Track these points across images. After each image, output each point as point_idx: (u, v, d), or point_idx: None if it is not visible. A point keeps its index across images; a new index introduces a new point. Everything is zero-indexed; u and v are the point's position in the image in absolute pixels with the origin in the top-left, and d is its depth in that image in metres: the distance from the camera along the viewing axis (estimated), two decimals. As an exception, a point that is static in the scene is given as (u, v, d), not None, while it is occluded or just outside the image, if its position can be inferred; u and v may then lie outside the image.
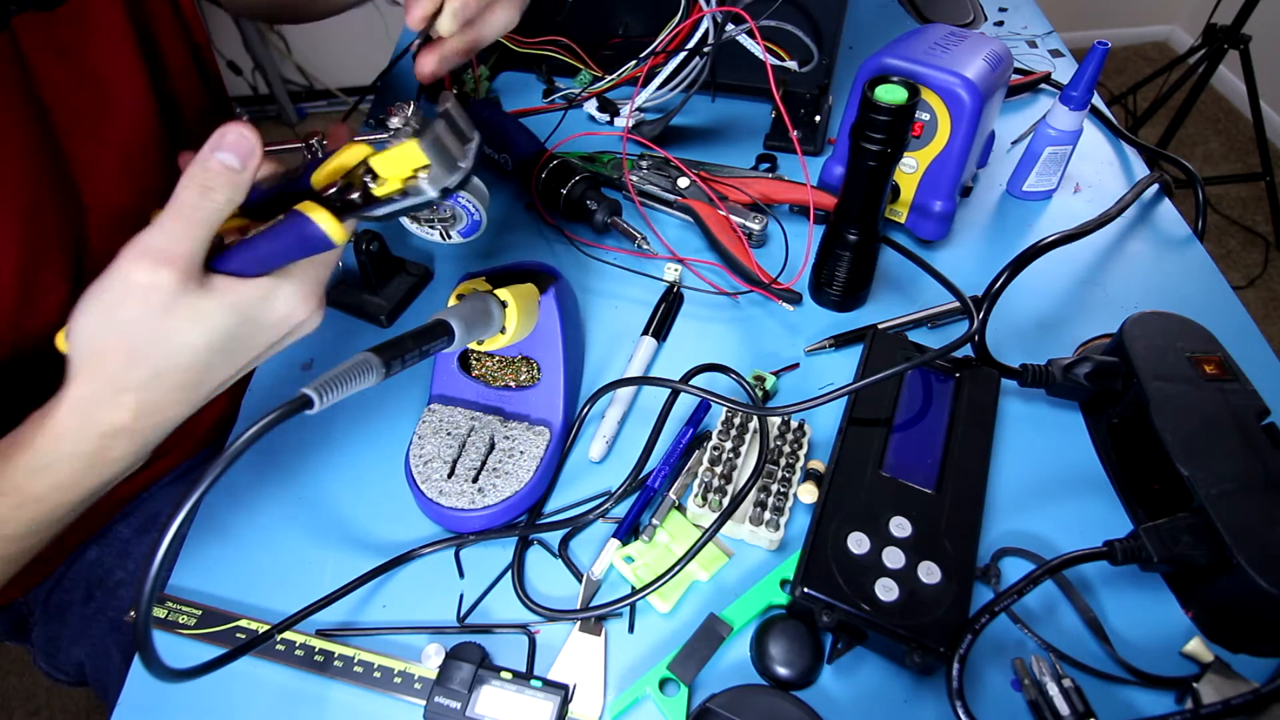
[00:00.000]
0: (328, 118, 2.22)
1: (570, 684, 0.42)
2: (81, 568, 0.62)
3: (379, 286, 0.60)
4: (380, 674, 0.42)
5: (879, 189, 0.52)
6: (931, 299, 0.60)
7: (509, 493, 0.47)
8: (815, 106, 0.73)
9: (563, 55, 0.78)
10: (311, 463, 0.52)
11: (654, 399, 0.55)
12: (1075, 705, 0.40)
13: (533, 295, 0.49)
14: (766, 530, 0.46)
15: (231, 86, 2.10)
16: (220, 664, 0.36)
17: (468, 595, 0.46)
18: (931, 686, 0.42)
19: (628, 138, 0.68)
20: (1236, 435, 0.44)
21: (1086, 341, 0.58)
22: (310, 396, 0.31)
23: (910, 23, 0.88)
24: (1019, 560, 0.47)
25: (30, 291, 0.48)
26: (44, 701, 1.20)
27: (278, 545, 0.48)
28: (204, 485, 0.29)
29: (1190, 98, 1.79)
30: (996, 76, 0.58)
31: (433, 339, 0.38)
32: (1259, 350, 0.57)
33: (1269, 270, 1.86)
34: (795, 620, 0.43)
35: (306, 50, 2.11)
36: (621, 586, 0.46)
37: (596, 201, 0.64)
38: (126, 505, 0.63)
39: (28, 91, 0.46)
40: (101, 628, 0.60)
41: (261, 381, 0.58)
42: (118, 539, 0.62)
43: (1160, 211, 0.69)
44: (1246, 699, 0.38)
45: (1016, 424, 0.53)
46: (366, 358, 0.34)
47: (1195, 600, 0.44)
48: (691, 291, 0.62)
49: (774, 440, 0.49)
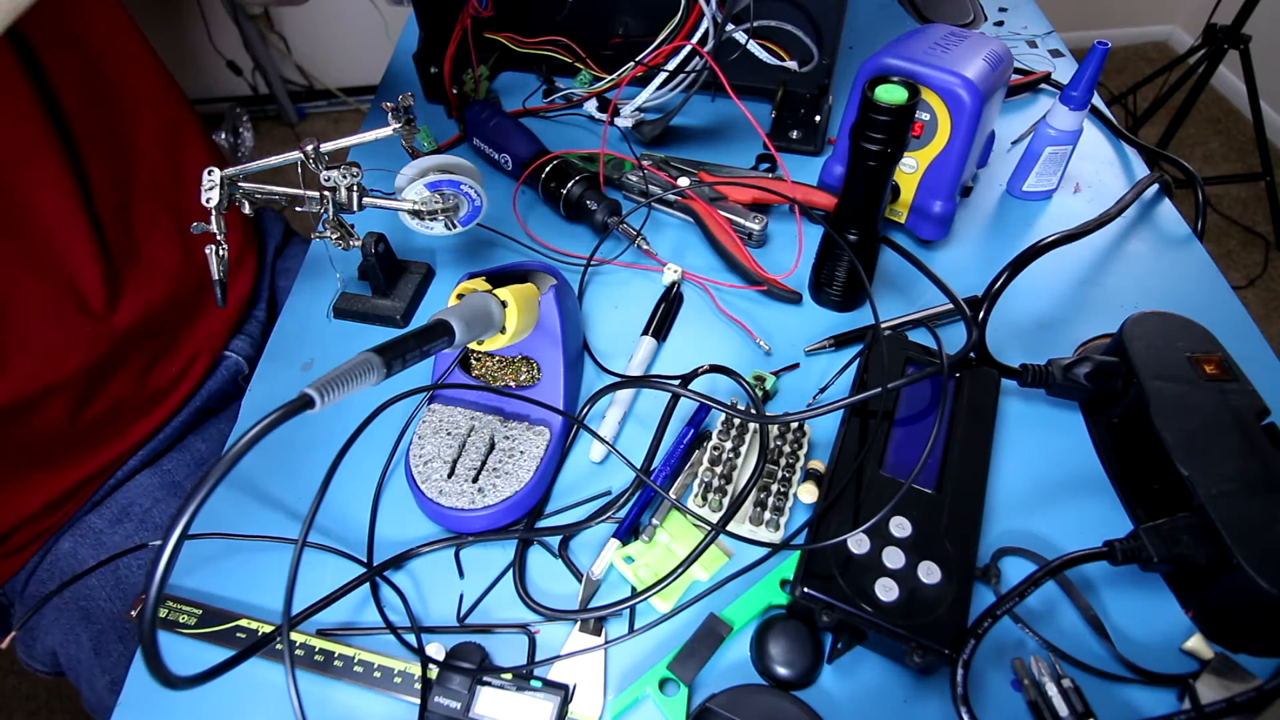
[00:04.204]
0: (328, 118, 2.22)
1: (570, 684, 0.42)
2: (56, 559, 0.62)
3: (389, 288, 0.61)
4: (380, 674, 0.42)
5: (879, 189, 0.52)
6: (932, 299, 0.60)
7: (509, 493, 0.47)
8: (815, 106, 0.73)
9: (563, 55, 0.78)
10: (311, 463, 0.52)
11: (653, 399, 0.55)
12: (1074, 705, 0.40)
13: (533, 295, 0.49)
14: (766, 530, 0.46)
15: (231, 86, 2.10)
16: (224, 669, 0.36)
17: (468, 595, 0.46)
18: (931, 686, 0.42)
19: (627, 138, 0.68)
20: (1236, 435, 0.44)
21: (1086, 341, 0.58)
22: (311, 396, 0.31)
23: (910, 23, 0.88)
24: (1019, 560, 0.47)
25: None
26: (44, 701, 1.20)
27: (278, 545, 0.48)
28: (206, 488, 0.29)
29: (1190, 98, 1.79)
30: (996, 76, 0.58)
31: (433, 339, 0.38)
32: (1259, 350, 0.57)
33: (1269, 270, 1.86)
34: (795, 620, 0.43)
35: (306, 50, 2.11)
36: (621, 586, 0.46)
37: (596, 201, 0.64)
38: (97, 494, 0.64)
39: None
40: (72, 616, 0.60)
41: (262, 382, 0.58)
42: (91, 530, 0.63)
43: (1160, 211, 0.69)
44: (1250, 696, 0.38)
45: (1016, 424, 0.53)
46: (367, 357, 0.34)
47: (1195, 600, 0.44)
48: (691, 292, 0.62)
49: (774, 440, 0.49)
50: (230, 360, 0.71)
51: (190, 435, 0.69)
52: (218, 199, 0.51)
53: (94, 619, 0.60)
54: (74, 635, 0.60)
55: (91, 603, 0.60)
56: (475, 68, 0.76)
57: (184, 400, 0.68)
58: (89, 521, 0.63)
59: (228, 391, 0.71)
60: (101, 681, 0.59)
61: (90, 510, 0.63)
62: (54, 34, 0.56)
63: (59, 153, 0.56)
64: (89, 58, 0.59)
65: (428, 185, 0.54)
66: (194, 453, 0.69)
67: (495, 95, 0.80)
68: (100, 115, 0.60)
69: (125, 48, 0.63)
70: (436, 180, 0.54)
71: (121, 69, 0.62)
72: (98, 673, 0.59)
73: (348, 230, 0.55)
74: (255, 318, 0.75)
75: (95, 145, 0.59)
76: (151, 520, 0.63)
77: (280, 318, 0.62)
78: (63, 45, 0.56)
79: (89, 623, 0.60)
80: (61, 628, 0.60)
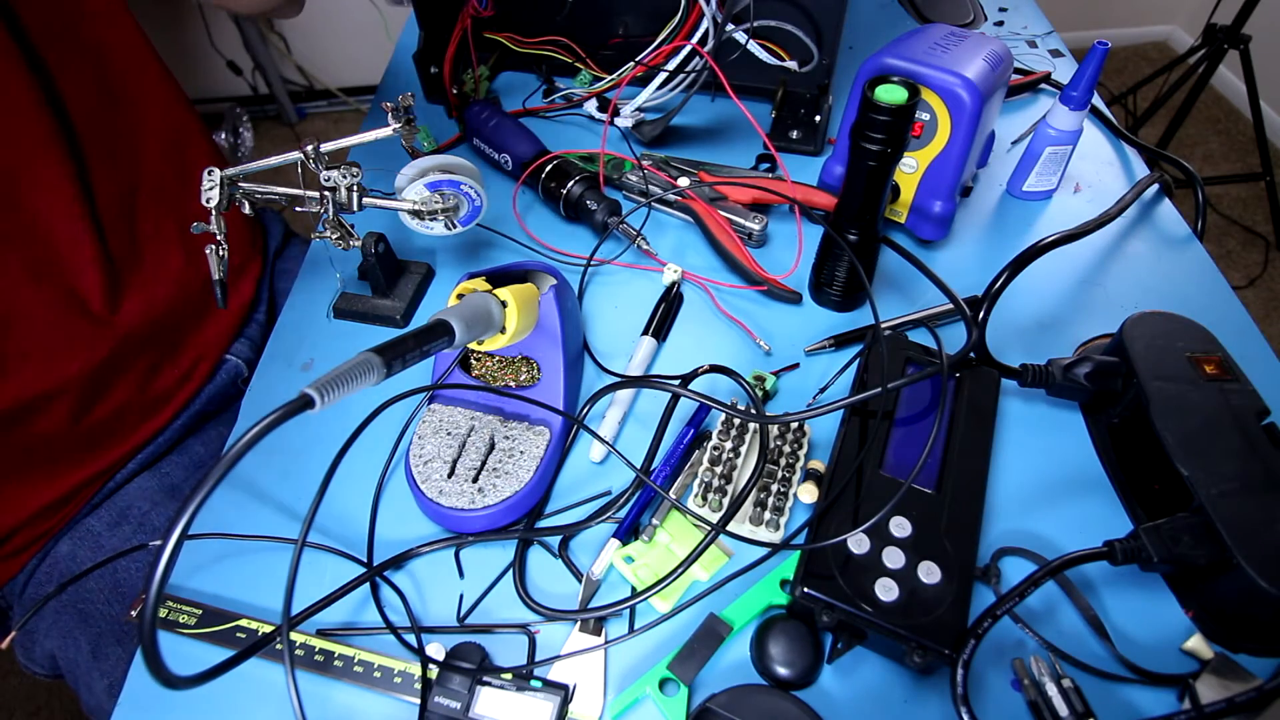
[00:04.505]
0: (328, 118, 2.22)
1: (570, 684, 0.42)
2: (54, 561, 0.62)
3: (389, 288, 0.61)
4: (380, 674, 0.42)
5: (879, 189, 0.52)
6: (932, 299, 0.60)
7: (509, 493, 0.47)
8: (815, 106, 0.73)
9: (563, 55, 0.78)
10: (311, 463, 0.52)
11: (653, 399, 0.55)
12: (1074, 705, 0.40)
13: (533, 295, 0.49)
14: (766, 530, 0.46)
15: (231, 86, 2.10)
16: (224, 669, 0.36)
17: (468, 595, 0.46)
18: (931, 686, 0.42)
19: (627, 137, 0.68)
20: (1236, 435, 0.44)
21: (1086, 341, 0.58)
22: (312, 396, 0.31)
23: (910, 23, 0.88)
24: (1019, 560, 0.47)
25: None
26: (44, 701, 1.20)
27: (278, 545, 0.48)
28: (206, 488, 0.29)
29: (1190, 98, 1.79)
30: (996, 76, 0.58)
31: (433, 338, 0.38)
32: (1259, 350, 0.57)
33: (1269, 270, 1.86)
34: (795, 620, 0.43)
35: (306, 50, 2.11)
36: (621, 586, 0.46)
37: (596, 201, 0.64)
38: (96, 497, 0.64)
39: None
40: (71, 619, 0.60)
41: (262, 382, 0.58)
42: (89, 532, 0.63)
43: (1160, 211, 0.69)
44: (1250, 696, 0.38)
45: (1016, 424, 0.53)
46: (367, 357, 0.34)
47: (1195, 600, 0.44)
48: (691, 292, 0.62)
49: (774, 440, 0.49)
50: (230, 363, 0.72)
51: (189, 438, 0.69)
52: (218, 199, 0.51)
53: (92, 622, 0.60)
54: (72, 638, 0.60)
55: (90, 605, 0.60)
56: (475, 68, 0.76)
57: (185, 404, 0.68)
58: (88, 524, 0.63)
59: (227, 394, 0.71)
60: (100, 684, 0.59)
61: (89, 513, 0.63)
62: (65, 43, 0.56)
63: (64, 159, 0.56)
64: (99, 65, 0.60)
65: (428, 185, 0.54)
66: (193, 455, 0.69)
67: (495, 95, 0.80)
68: (107, 122, 0.60)
69: (134, 55, 0.63)
70: (436, 180, 0.54)
71: (130, 76, 0.62)
72: (96, 675, 0.59)
73: (348, 230, 0.55)
74: (255, 320, 0.75)
75: (101, 152, 0.59)
76: (150, 523, 0.63)
77: (280, 318, 0.62)
78: (73, 53, 0.57)
79: (87, 625, 0.60)
80: (60, 630, 0.60)
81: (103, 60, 0.60)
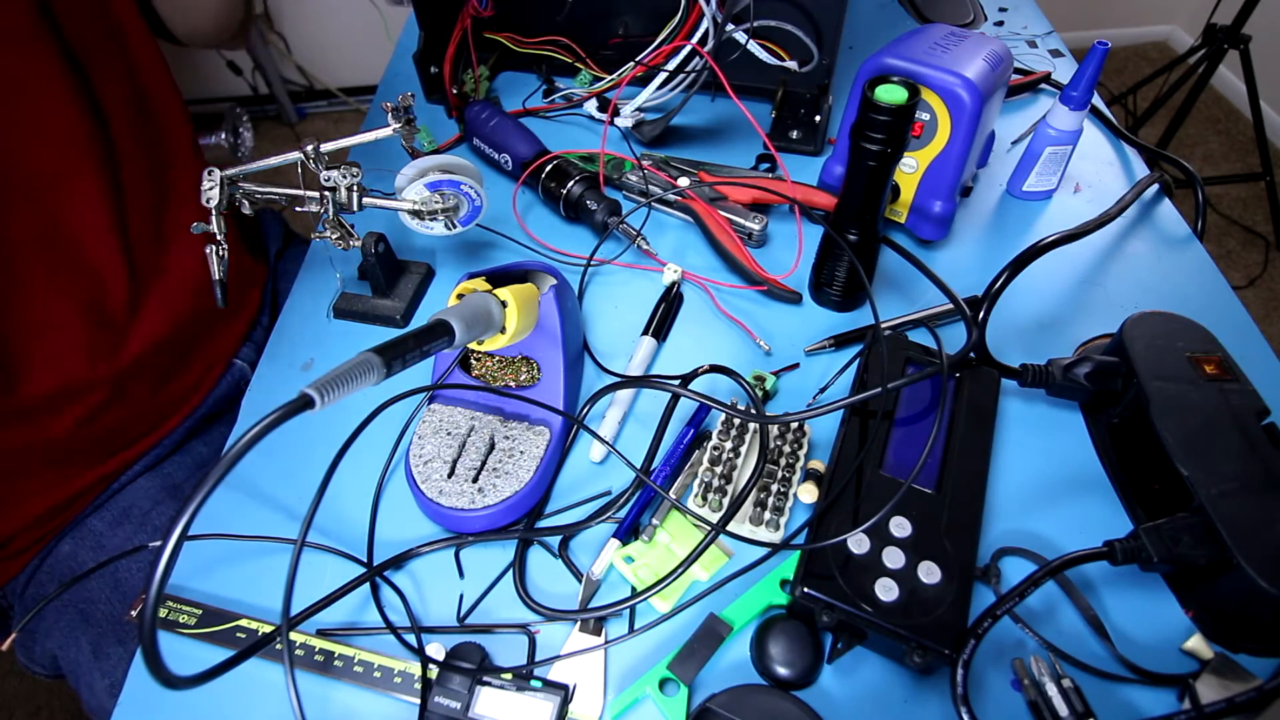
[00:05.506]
0: (328, 118, 2.22)
1: (570, 684, 0.42)
2: (56, 561, 0.62)
3: (389, 288, 0.61)
4: (380, 674, 0.42)
5: (879, 189, 0.52)
6: (932, 299, 0.60)
7: (509, 493, 0.47)
8: (815, 106, 0.73)
9: (563, 55, 0.78)
10: (311, 463, 0.52)
11: (653, 399, 0.55)
12: (1074, 705, 0.40)
13: (533, 295, 0.49)
14: (766, 530, 0.46)
15: (231, 86, 2.10)
16: (224, 669, 0.36)
17: (468, 595, 0.46)
18: (931, 686, 0.42)
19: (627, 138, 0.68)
20: (1236, 435, 0.44)
21: (1086, 341, 0.58)
22: (312, 396, 0.31)
23: (910, 23, 0.88)
24: (1019, 560, 0.47)
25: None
26: (44, 701, 1.20)
27: (278, 546, 0.48)
28: (206, 488, 0.29)
29: (1190, 98, 1.79)
30: (996, 76, 0.58)
31: (433, 338, 0.38)
32: (1259, 350, 0.57)
33: (1269, 270, 1.86)
34: (795, 620, 0.43)
35: (306, 50, 2.11)
36: (621, 586, 0.46)
37: (596, 201, 0.64)
38: (99, 498, 0.64)
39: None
40: (72, 619, 0.60)
41: (262, 381, 0.58)
42: (91, 532, 0.63)
43: (1160, 211, 0.69)
44: (1250, 696, 0.38)
45: (1016, 424, 0.53)
46: (367, 357, 0.34)
47: (1195, 600, 0.44)
48: (691, 292, 0.62)
49: (774, 440, 0.49)
50: (236, 367, 0.72)
51: (191, 439, 0.70)
52: (218, 199, 0.51)
53: (93, 622, 0.60)
54: (73, 638, 0.60)
55: (91, 605, 0.60)
56: (475, 68, 0.76)
57: (193, 409, 0.69)
58: (89, 524, 0.63)
59: (231, 397, 0.72)
60: (101, 684, 0.59)
61: (90, 513, 0.64)
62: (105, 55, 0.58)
63: (101, 171, 0.57)
64: (132, 78, 0.61)
65: (428, 185, 0.54)
66: (194, 455, 0.69)
67: (495, 95, 0.80)
68: (140, 135, 0.62)
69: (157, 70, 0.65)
70: (436, 180, 0.54)
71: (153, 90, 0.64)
72: (97, 675, 0.59)
73: (348, 230, 0.55)
74: (259, 322, 0.75)
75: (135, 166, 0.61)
76: (151, 523, 0.63)
77: (280, 318, 0.62)
78: (110, 65, 0.59)
79: (88, 625, 0.60)
80: (61, 630, 0.60)
81: (134, 73, 0.61)
